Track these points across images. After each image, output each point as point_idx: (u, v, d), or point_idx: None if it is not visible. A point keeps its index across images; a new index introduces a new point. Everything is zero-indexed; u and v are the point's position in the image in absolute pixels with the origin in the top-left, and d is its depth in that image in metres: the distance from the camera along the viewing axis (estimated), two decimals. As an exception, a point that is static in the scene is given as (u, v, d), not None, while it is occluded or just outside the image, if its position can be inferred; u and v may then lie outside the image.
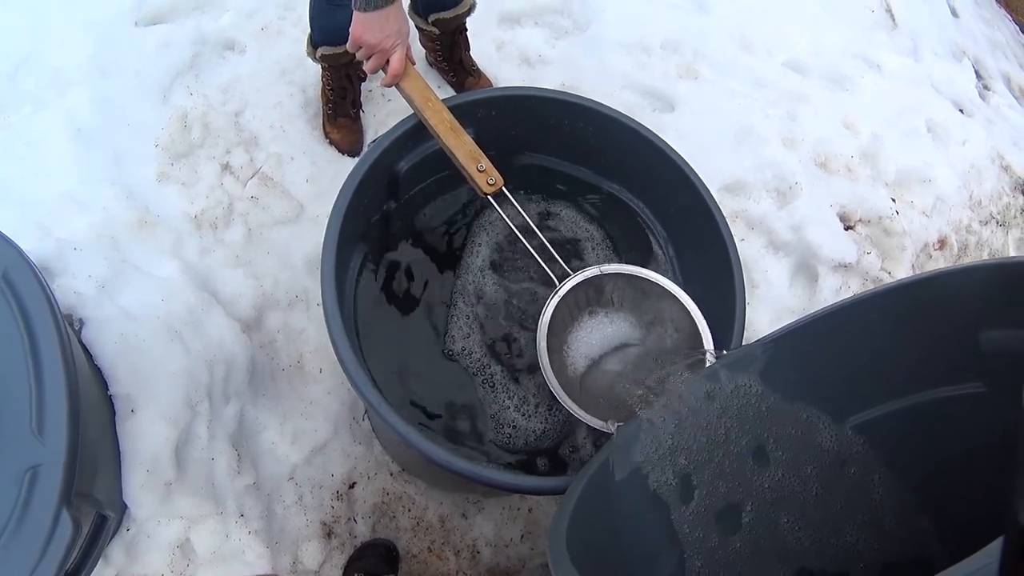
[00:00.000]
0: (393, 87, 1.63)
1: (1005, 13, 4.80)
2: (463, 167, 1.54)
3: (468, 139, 1.56)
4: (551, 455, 1.61)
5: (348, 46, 1.60)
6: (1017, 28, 4.74)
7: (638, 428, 1.34)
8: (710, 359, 1.46)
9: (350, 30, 1.55)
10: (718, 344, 1.54)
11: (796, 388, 1.37)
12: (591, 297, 1.58)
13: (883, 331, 1.36)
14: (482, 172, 1.54)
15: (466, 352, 1.66)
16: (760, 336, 1.44)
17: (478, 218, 1.81)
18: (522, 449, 1.60)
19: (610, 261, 1.73)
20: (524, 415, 1.60)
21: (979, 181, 3.33)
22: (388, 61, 1.58)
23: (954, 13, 4.26)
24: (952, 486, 1.30)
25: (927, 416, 1.35)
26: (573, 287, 1.54)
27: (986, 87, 3.94)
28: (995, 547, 0.64)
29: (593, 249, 1.76)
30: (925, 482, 1.34)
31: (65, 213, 2.16)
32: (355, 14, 1.52)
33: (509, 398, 1.60)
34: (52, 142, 2.31)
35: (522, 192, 1.80)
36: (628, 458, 1.31)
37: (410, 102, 1.59)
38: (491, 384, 1.63)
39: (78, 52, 2.51)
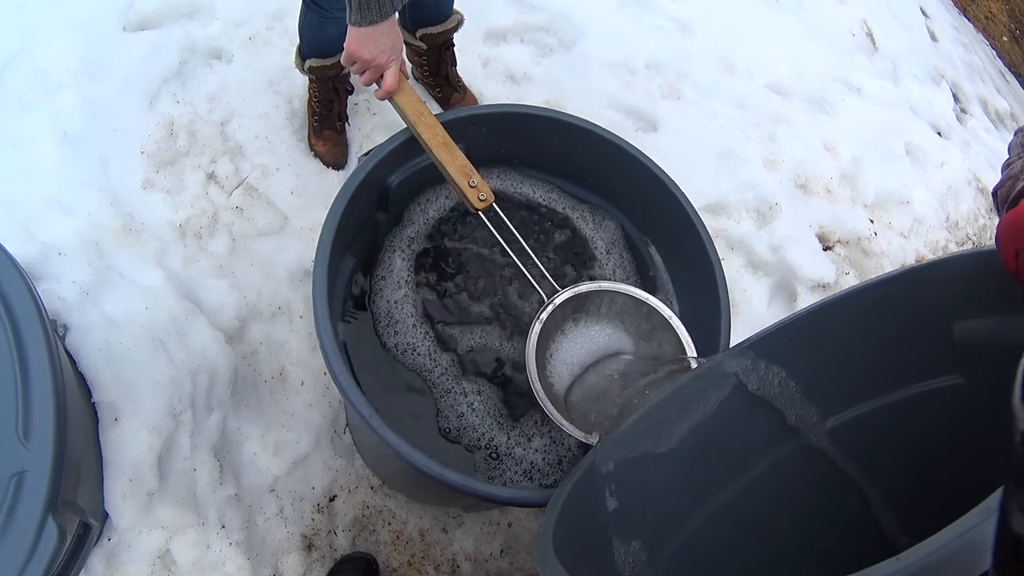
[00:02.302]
0: (386, 100, 1.63)
1: (983, 38, 4.88)
2: (455, 182, 1.54)
3: (460, 154, 1.56)
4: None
5: (342, 60, 1.60)
6: (994, 52, 4.81)
7: (621, 434, 1.35)
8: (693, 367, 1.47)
9: (345, 44, 1.55)
10: (702, 356, 1.55)
11: (774, 391, 1.39)
12: (577, 310, 1.59)
13: (856, 331, 1.37)
14: (473, 188, 1.54)
15: (467, 430, 1.62)
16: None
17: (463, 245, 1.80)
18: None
19: (598, 277, 1.74)
20: (530, 479, 1.59)
21: (956, 203, 3.38)
22: (382, 76, 1.59)
23: (933, 37, 4.33)
24: (924, 482, 1.31)
25: (903, 414, 1.36)
26: (561, 304, 1.55)
27: (963, 110, 4.01)
28: (993, 501, 0.66)
29: (582, 265, 1.77)
30: (895, 480, 1.36)
31: (50, 217, 2.15)
32: (350, 29, 1.52)
33: (517, 464, 1.60)
34: (38, 144, 2.30)
35: (510, 207, 1.80)
36: (611, 462, 1.32)
37: (403, 116, 1.59)
38: (495, 456, 1.62)
39: (66, 54, 2.49)
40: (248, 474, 2.03)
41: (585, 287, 1.56)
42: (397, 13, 1.55)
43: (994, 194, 1.32)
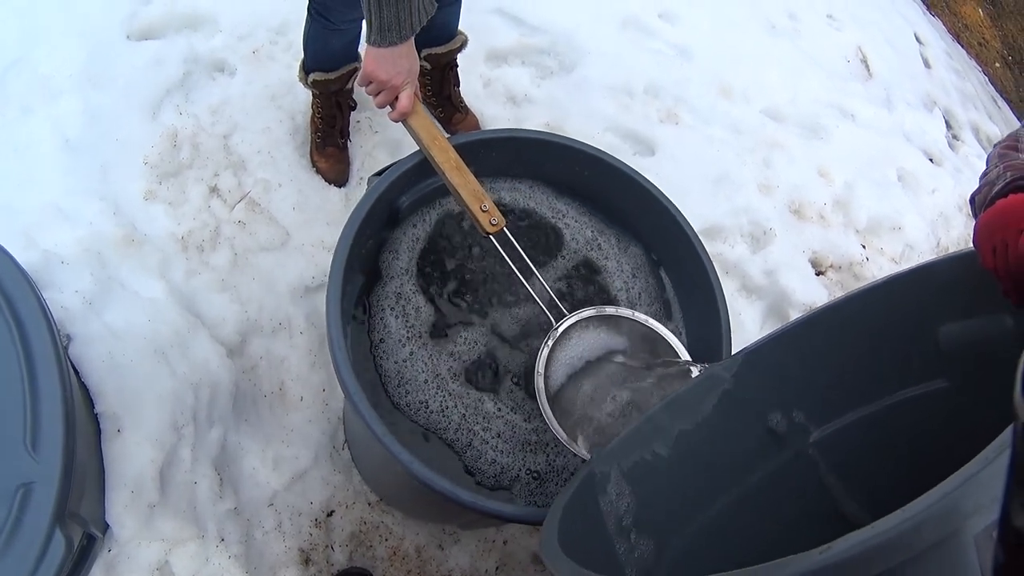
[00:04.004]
0: (399, 122, 1.64)
1: (975, 64, 4.94)
2: (467, 206, 1.55)
3: (472, 178, 1.57)
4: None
5: (359, 81, 1.62)
6: (986, 78, 4.87)
7: (620, 443, 1.37)
8: (693, 370, 1.49)
9: (362, 65, 1.57)
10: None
11: (764, 403, 1.41)
12: (587, 327, 1.60)
13: (842, 341, 1.40)
14: (485, 212, 1.55)
15: (504, 473, 1.57)
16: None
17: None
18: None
19: (606, 299, 1.75)
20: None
21: (947, 228, 3.42)
22: (397, 97, 1.61)
23: (927, 64, 4.39)
24: (910, 488, 1.33)
25: (889, 421, 1.38)
26: (569, 327, 1.57)
27: (955, 137, 4.06)
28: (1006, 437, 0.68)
29: (588, 286, 1.78)
30: (881, 488, 1.37)
31: (51, 224, 2.16)
32: (368, 49, 1.54)
33: (558, 475, 1.59)
34: (40, 150, 2.31)
35: (518, 228, 1.81)
36: (610, 470, 1.34)
37: (416, 139, 1.60)
38: (537, 477, 1.59)
39: (69, 61, 2.50)
40: (247, 488, 2.03)
41: (589, 312, 1.58)
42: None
43: (971, 200, 1.36)
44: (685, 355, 1.58)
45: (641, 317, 1.60)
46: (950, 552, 0.69)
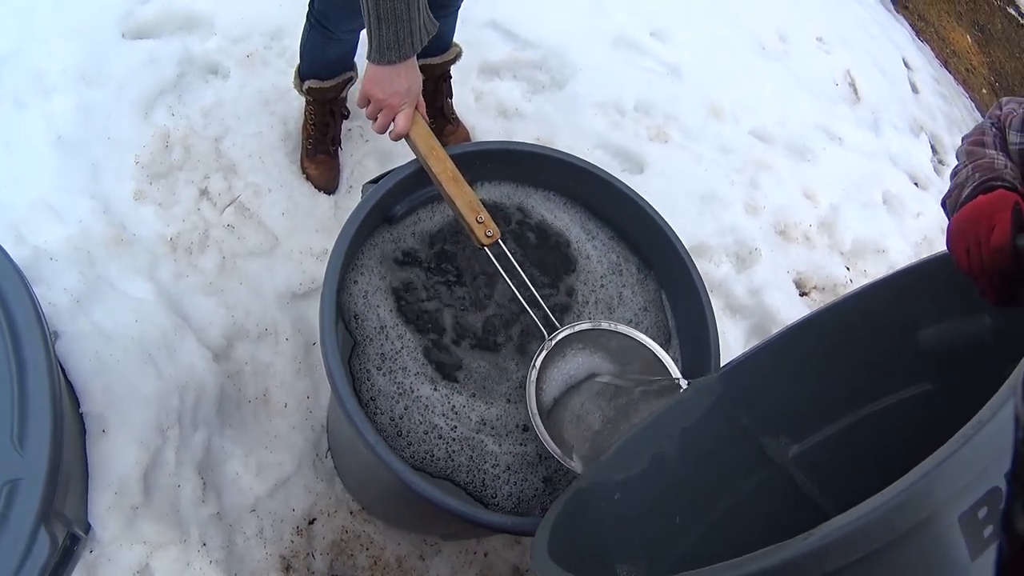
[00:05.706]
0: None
1: (963, 90, 4.99)
2: (462, 216, 1.55)
3: (468, 189, 1.57)
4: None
5: (357, 102, 1.61)
6: (973, 104, 4.92)
7: (608, 458, 1.37)
8: (681, 387, 1.50)
9: (362, 83, 1.57)
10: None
11: (744, 417, 1.42)
12: (582, 342, 1.60)
13: (822, 353, 1.42)
14: (481, 224, 1.55)
15: (525, 499, 1.54)
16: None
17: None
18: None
19: (600, 311, 1.75)
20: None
21: (931, 252, 3.42)
22: (395, 118, 1.59)
23: (914, 89, 4.43)
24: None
25: (872, 428, 1.39)
26: (562, 339, 1.57)
27: (940, 161, 4.11)
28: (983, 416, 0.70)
29: (582, 300, 1.78)
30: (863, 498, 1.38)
31: (41, 221, 2.15)
32: (367, 66, 1.53)
33: (565, 478, 1.60)
34: (31, 145, 2.30)
35: (512, 239, 1.80)
36: (599, 484, 1.34)
37: (414, 149, 1.59)
38: (551, 485, 1.57)
39: (63, 57, 2.49)
40: (230, 493, 2.02)
41: (582, 326, 1.58)
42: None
43: (943, 204, 1.38)
44: (676, 373, 1.58)
45: (637, 335, 1.60)
46: (934, 532, 0.70)
